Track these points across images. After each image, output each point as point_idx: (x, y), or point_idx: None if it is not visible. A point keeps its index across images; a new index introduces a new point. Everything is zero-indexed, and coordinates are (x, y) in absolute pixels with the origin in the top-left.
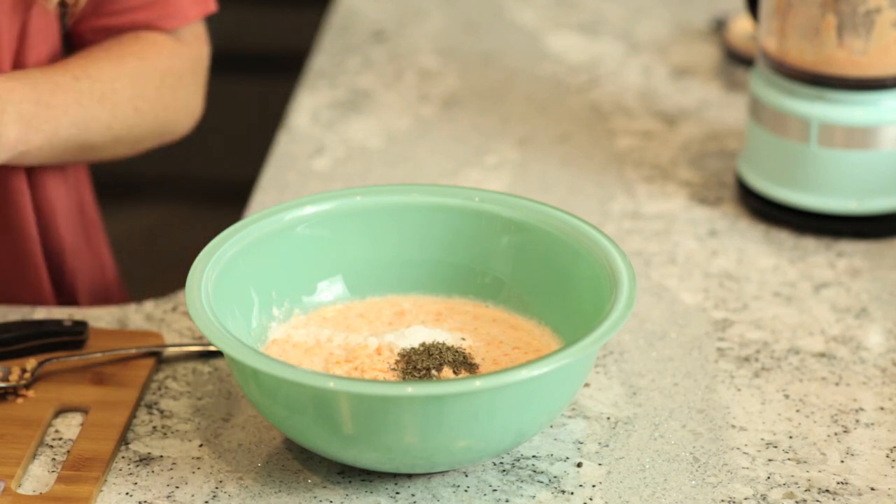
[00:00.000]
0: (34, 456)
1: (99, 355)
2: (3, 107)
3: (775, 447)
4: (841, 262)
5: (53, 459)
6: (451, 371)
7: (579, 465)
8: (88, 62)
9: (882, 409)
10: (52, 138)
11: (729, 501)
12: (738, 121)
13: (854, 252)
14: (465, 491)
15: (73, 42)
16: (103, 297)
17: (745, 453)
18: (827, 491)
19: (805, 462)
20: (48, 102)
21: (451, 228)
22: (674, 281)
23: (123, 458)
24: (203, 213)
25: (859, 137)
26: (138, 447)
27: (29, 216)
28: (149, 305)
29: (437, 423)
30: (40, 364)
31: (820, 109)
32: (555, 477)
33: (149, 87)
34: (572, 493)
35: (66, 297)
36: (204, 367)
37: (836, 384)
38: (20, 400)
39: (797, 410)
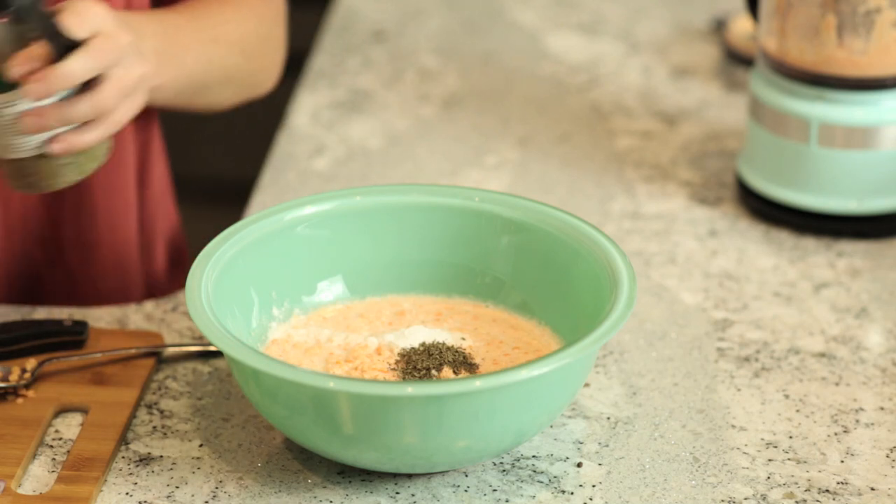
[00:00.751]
0: (34, 456)
1: (99, 355)
2: (142, 39)
3: (775, 447)
4: (841, 262)
5: (53, 459)
6: (451, 371)
7: (579, 465)
8: (195, 6)
9: (882, 409)
10: (179, 75)
11: (729, 501)
12: (738, 121)
13: (854, 252)
14: (465, 491)
15: None
16: (176, 262)
17: (745, 453)
18: (827, 491)
19: (805, 462)
20: (175, 38)
21: (451, 228)
22: (674, 281)
23: (123, 458)
24: (203, 213)
25: (859, 137)
26: (138, 447)
27: (132, 197)
28: (149, 305)
29: (437, 423)
30: (40, 364)
31: (820, 109)
32: (555, 477)
33: (250, 30)
34: (572, 493)
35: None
36: (204, 367)
37: (836, 384)
38: (20, 400)
39: (797, 410)
